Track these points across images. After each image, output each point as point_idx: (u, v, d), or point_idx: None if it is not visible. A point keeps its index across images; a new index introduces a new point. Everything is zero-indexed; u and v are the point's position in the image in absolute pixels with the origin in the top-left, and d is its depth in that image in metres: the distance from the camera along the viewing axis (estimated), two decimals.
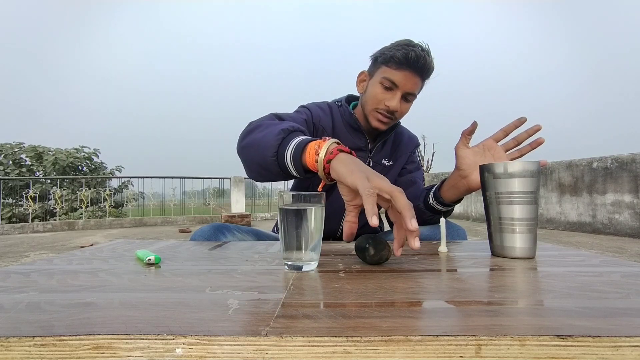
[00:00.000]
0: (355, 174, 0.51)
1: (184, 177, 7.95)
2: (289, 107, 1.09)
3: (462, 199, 0.84)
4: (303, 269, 0.49)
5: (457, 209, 7.10)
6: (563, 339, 0.26)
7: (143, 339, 0.26)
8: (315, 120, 0.94)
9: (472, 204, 6.72)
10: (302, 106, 0.97)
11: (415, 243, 0.46)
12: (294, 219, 0.48)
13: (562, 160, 4.93)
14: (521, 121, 0.74)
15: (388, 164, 1.01)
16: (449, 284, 0.42)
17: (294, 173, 0.63)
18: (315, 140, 0.60)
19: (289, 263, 0.49)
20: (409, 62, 0.84)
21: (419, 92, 0.93)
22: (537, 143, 0.73)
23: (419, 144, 1.12)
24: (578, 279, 0.43)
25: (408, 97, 0.90)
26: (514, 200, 0.56)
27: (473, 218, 6.63)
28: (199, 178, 8.09)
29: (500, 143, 0.77)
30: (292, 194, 0.49)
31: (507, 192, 0.57)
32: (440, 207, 0.86)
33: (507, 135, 0.76)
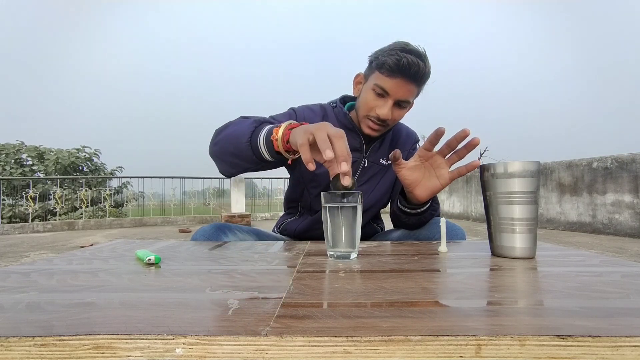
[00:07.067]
0: (297, 136, 0.59)
1: (184, 177, 7.95)
2: (290, 105, 1.08)
3: (429, 201, 0.83)
4: (351, 257, 0.56)
5: (457, 209, 7.08)
6: (563, 339, 0.26)
7: (143, 339, 0.26)
8: (302, 121, 0.92)
9: (472, 204, 6.71)
10: (290, 108, 0.99)
11: (345, 181, 0.55)
12: (340, 214, 0.56)
13: (562, 160, 4.93)
14: (440, 132, 0.71)
15: (387, 164, 1.01)
16: (449, 284, 0.42)
17: (267, 156, 0.71)
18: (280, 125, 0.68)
19: (337, 253, 0.56)
20: (401, 69, 0.81)
21: (415, 98, 0.91)
22: (472, 145, 0.69)
23: (418, 140, 1.09)
24: (578, 279, 0.43)
25: (401, 104, 0.88)
26: (513, 200, 0.56)
27: (473, 218, 6.62)
28: (199, 178, 8.09)
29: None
30: (336, 194, 0.56)
31: (507, 192, 0.57)
32: (409, 210, 0.86)
33: (434, 145, 0.73)
